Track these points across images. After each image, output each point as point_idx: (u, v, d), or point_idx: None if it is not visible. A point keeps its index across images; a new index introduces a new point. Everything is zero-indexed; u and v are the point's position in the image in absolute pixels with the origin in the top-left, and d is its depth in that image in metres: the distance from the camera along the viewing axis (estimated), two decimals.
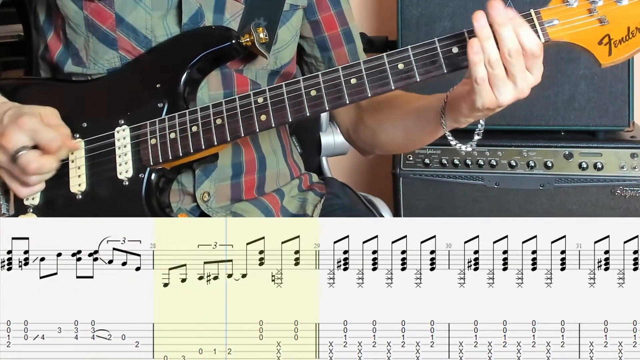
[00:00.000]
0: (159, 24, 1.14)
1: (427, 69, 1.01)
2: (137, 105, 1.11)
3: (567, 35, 0.98)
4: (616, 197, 1.73)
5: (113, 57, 1.15)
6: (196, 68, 1.12)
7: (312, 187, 1.34)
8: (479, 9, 1.79)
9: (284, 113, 1.05)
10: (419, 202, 1.84)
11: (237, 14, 1.18)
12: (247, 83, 1.20)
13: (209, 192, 1.18)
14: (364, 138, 1.31)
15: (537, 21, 0.98)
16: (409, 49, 1.02)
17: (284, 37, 1.23)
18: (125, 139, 1.10)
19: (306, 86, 1.04)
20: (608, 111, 1.75)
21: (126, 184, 1.09)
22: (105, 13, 1.14)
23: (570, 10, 0.98)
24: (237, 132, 1.06)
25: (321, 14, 1.29)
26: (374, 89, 1.02)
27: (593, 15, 0.97)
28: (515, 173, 1.78)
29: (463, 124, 1.07)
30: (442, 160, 1.82)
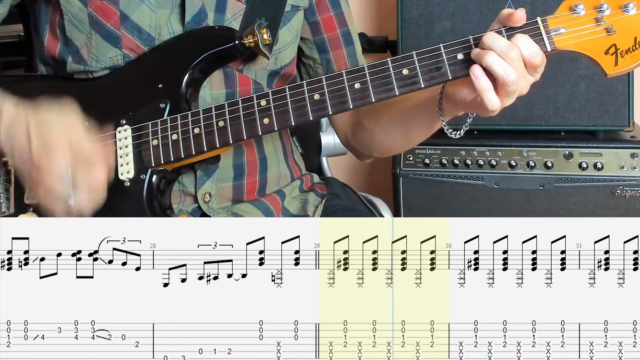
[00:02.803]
0: (163, 22, 1.14)
1: (431, 75, 1.00)
2: (139, 105, 1.11)
3: (574, 44, 0.98)
4: (616, 197, 1.73)
5: (116, 55, 1.15)
6: (198, 68, 1.12)
7: (313, 187, 1.34)
8: (479, 9, 1.81)
9: (287, 117, 1.05)
10: (419, 202, 1.84)
11: (238, 13, 1.18)
12: (249, 82, 1.20)
13: (211, 193, 1.18)
14: (361, 141, 1.30)
15: (544, 29, 0.97)
16: (414, 55, 1.01)
17: (285, 37, 1.23)
18: (127, 139, 1.10)
19: (310, 90, 1.04)
20: (608, 111, 1.75)
21: (127, 185, 1.09)
22: (110, 10, 1.14)
23: (577, 19, 0.97)
24: (240, 134, 1.06)
25: (321, 15, 1.29)
26: (378, 95, 1.02)
27: (600, 25, 0.97)
28: (515, 173, 1.78)
29: (460, 113, 1.07)
30: (442, 160, 1.82)
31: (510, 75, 0.94)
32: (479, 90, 0.96)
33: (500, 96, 0.97)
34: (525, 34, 0.97)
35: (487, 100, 0.97)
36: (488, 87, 0.96)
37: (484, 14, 1.76)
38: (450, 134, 1.07)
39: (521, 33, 0.97)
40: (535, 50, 0.96)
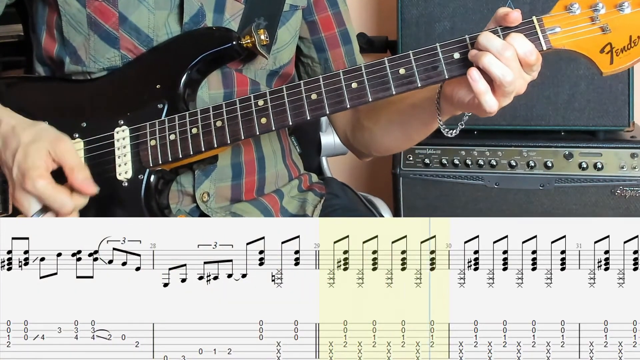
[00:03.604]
0: (161, 23, 1.14)
1: (428, 75, 1.01)
2: (137, 106, 1.11)
3: (569, 43, 0.98)
4: (616, 197, 1.73)
5: (114, 56, 1.15)
6: (196, 69, 1.12)
7: (311, 187, 1.34)
8: (479, 9, 1.81)
9: (284, 116, 1.05)
10: (419, 202, 1.84)
11: (237, 14, 1.18)
12: (247, 82, 1.20)
13: (209, 193, 1.18)
14: (361, 140, 1.30)
15: (539, 28, 0.98)
16: (411, 54, 1.02)
17: (284, 37, 1.23)
18: (125, 140, 1.10)
19: (307, 89, 1.04)
20: (608, 111, 1.75)
21: (125, 185, 1.09)
22: (108, 12, 1.14)
23: (573, 17, 0.98)
24: (237, 134, 1.06)
25: (318, 14, 1.29)
26: (375, 94, 1.02)
27: (595, 24, 0.97)
28: (515, 173, 1.78)
29: (458, 113, 1.07)
30: (442, 160, 1.82)
31: (507, 76, 0.95)
32: (476, 93, 0.97)
33: (498, 96, 0.98)
34: (520, 33, 0.97)
35: (485, 103, 0.97)
36: (485, 89, 0.97)
37: (484, 14, 1.76)
38: (446, 133, 1.08)
39: (516, 32, 0.97)
40: (530, 48, 0.96)
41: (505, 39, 0.96)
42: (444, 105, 1.06)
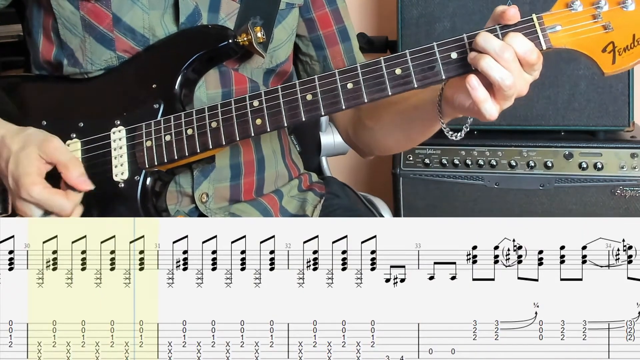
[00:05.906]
0: (157, 23, 1.14)
1: (425, 75, 0.98)
2: (133, 106, 1.11)
3: (570, 42, 0.95)
4: (616, 197, 1.73)
5: (111, 58, 1.14)
6: (192, 68, 1.11)
7: (311, 187, 1.34)
8: (479, 9, 1.81)
9: (279, 117, 1.04)
10: (419, 202, 1.84)
11: (232, 13, 1.17)
12: (245, 81, 1.20)
13: (208, 193, 1.18)
14: (363, 139, 1.30)
15: (539, 27, 0.95)
16: (407, 54, 0.99)
17: (280, 36, 1.22)
18: (121, 140, 1.09)
19: (302, 90, 1.03)
20: (608, 111, 1.75)
21: (122, 186, 1.09)
22: (102, 13, 1.13)
23: (574, 15, 0.94)
24: (232, 136, 1.05)
25: (316, 12, 1.28)
26: (371, 95, 1.01)
27: (597, 22, 0.94)
28: (515, 173, 1.78)
29: (460, 116, 1.05)
30: (442, 160, 1.82)
31: (507, 79, 0.93)
32: (476, 101, 0.94)
33: (498, 100, 0.95)
34: (518, 32, 0.94)
35: (485, 111, 0.95)
36: (485, 97, 0.94)
37: (484, 14, 1.75)
38: (450, 136, 1.05)
39: (515, 31, 0.94)
40: (530, 47, 0.93)
41: (503, 39, 0.93)
42: (445, 108, 1.04)
